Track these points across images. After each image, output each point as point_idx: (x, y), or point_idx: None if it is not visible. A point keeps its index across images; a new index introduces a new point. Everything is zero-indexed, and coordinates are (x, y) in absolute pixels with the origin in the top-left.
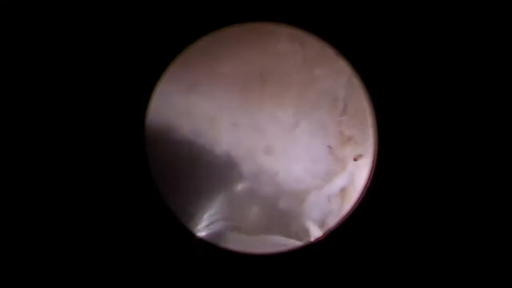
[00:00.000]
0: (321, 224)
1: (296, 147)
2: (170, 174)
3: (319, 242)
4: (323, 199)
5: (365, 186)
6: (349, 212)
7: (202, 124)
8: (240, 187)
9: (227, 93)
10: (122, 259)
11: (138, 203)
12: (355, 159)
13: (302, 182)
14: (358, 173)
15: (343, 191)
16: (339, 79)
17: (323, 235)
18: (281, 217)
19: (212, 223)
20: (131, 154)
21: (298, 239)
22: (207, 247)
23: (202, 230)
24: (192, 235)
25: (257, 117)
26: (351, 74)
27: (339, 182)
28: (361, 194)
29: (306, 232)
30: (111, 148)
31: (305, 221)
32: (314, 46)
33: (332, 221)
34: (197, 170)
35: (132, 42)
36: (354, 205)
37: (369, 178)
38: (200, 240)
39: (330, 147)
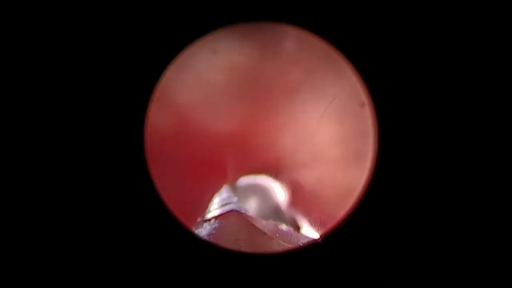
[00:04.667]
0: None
1: None
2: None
3: (319, 242)
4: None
5: (365, 186)
6: (349, 211)
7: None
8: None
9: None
10: (122, 258)
11: (137, 202)
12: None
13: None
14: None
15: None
16: None
17: (323, 234)
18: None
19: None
20: (130, 153)
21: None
22: (207, 247)
23: (201, 228)
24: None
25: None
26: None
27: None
28: (361, 193)
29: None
30: (110, 147)
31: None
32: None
33: (333, 220)
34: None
35: (133, 40)
36: (354, 205)
37: (369, 178)
38: (200, 239)
39: None
